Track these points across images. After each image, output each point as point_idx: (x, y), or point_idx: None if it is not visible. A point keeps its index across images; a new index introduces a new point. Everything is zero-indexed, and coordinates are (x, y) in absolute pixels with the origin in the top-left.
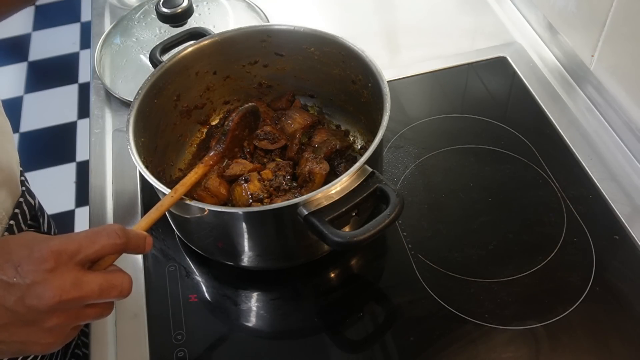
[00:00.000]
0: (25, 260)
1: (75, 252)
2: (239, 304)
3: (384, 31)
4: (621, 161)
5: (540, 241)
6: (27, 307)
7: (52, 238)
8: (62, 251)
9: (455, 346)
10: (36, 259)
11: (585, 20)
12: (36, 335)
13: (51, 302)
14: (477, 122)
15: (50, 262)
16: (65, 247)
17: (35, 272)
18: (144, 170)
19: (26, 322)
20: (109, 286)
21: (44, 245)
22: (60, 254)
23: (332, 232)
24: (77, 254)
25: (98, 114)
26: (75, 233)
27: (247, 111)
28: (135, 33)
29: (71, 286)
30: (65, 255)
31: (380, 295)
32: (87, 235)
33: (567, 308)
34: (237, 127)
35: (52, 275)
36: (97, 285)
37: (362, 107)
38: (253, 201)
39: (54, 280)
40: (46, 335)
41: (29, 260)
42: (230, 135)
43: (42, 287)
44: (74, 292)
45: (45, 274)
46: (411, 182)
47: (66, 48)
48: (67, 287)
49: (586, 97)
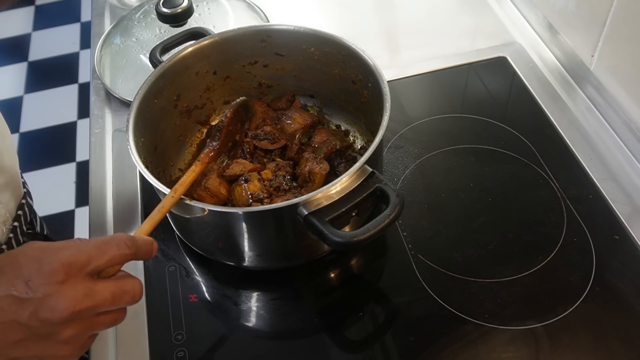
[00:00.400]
0: (35, 274)
1: (85, 264)
2: (239, 304)
3: (384, 31)
4: (621, 161)
5: (540, 241)
6: (41, 320)
7: (61, 249)
8: (72, 263)
9: (455, 346)
10: (46, 272)
11: (585, 20)
12: (52, 348)
13: (65, 314)
14: (477, 122)
15: (60, 275)
16: (75, 259)
17: (46, 285)
18: (144, 170)
19: (41, 336)
20: (121, 292)
21: (53, 258)
22: (70, 265)
23: (332, 232)
24: (87, 265)
25: (98, 114)
26: (84, 243)
27: (240, 105)
28: (135, 33)
29: (83, 296)
30: (75, 267)
31: (380, 295)
32: (97, 246)
33: (567, 308)
34: (230, 122)
35: (64, 287)
36: (109, 293)
37: (362, 107)
38: (253, 201)
39: (66, 292)
40: (62, 347)
41: (39, 274)
42: (224, 130)
43: (55, 299)
44: (87, 302)
45: (57, 286)
46: (411, 182)
47: (66, 48)
48: (80, 298)
49: (586, 97)
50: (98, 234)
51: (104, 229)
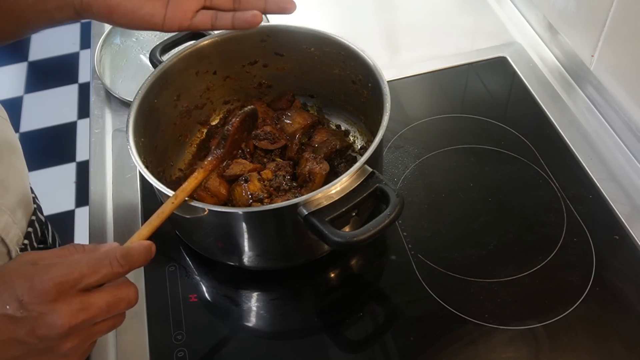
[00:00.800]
0: (27, 293)
1: (76, 282)
2: (239, 304)
3: (384, 31)
4: (621, 161)
5: (540, 241)
6: (39, 337)
7: (52, 266)
8: (63, 282)
9: (455, 346)
10: (38, 291)
11: (585, 20)
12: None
13: (62, 329)
14: (477, 122)
15: (52, 294)
16: (67, 277)
17: (40, 305)
18: (144, 170)
19: (41, 351)
20: (116, 301)
21: (44, 277)
22: (62, 285)
23: (332, 232)
24: (79, 283)
25: (98, 114)
26: (77, 259)
27: (247, 115)
28: (135, 33)
29: (78, 310)
30: (67, 285)
31: (380, 295)
32: (89, 264)
33: (567, 308)
34: (236, 131)
35: (58, 305)
36: (104, 303)
37: (362, 107)
38: (253, 201)
39: (61, 309)
40: (63, 359)
41: (31, 293)
42: (230, 139)
43: (50, 316)
44: (83, 315)
45: (50, 304)
46: (411, 182)
47: (66, 48)
48: (75, 312)
49: (586, 97)
50: (98, 234)
51: (104, 230)
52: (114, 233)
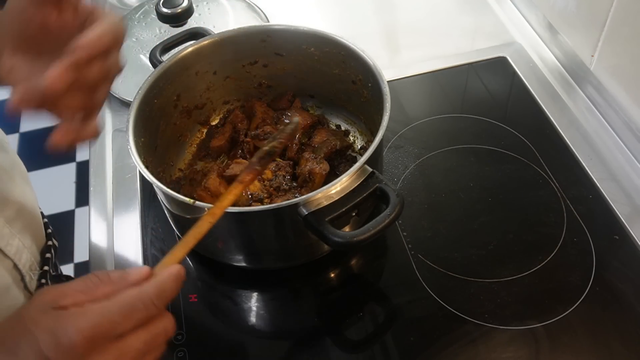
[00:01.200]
0: (53, 350)
1: (108, 332)
2: (239, 303)
3: (384, 31)
4: (621, 161)
5: (540, 241)
6: None
7: (78, 316)
8: (93, 336)
9: (455, 346)
10: (65, 346)
11: (585, 20)
12: None
13: None
14: (477, 122)
15: (82, 349)
16: (97, 330)
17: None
18: (144, 170)
19: None
20: (153, 337)
21: (70, 330)
22: (92, 338)
23: (332, 232)
24: (111, 333)
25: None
26: (106, 306)
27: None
28: (135, 33)
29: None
30: (98, 338)
31: (380, 295)
32: (122, 312)
33: (567, 308)
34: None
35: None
36: (141, 344)
37: (362, 107)
38: (253, 201)
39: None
40: None
41: (57, 350)
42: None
43: None
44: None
45: (82, 358)
46: (411, 182)
47: None
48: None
49: (586, 97)
50: (98, 234)
51: (104, 230)
52: (114, 233)
